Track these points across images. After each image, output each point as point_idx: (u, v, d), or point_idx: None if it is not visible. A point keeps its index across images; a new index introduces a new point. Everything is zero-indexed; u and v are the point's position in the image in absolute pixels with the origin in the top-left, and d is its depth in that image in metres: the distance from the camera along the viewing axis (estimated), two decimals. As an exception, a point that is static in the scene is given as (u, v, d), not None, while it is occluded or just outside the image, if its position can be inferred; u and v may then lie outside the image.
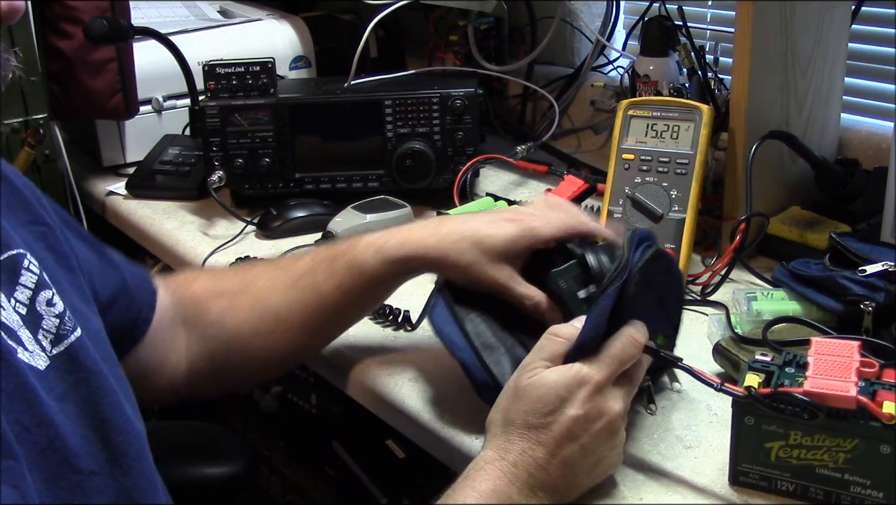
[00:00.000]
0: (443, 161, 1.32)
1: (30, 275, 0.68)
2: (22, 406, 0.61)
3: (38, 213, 0.75)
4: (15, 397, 0.60)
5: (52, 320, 0.67)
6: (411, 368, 0.95)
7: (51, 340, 0.66)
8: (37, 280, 0.68)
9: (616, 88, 1.50)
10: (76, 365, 0.67)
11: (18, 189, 0.74)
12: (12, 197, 0.73)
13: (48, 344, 0.66)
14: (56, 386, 0.65)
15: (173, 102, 1.57)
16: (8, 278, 0.66)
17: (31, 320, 0.66)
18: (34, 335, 0.65)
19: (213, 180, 1.29)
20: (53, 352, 0.66)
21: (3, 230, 0.69)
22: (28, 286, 0.67)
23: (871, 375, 0.71)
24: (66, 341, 0.67)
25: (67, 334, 0.68)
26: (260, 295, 0.91)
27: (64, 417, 0.63)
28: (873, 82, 1.32)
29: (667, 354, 0.77)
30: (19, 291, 0.66)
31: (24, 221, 0.73)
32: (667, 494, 0.75)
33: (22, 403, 0.61)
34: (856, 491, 0.70)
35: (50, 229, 0.75)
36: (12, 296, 0.66)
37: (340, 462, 1.32)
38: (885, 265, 0.93)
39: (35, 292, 0.67)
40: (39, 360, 0.64)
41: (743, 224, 1.03)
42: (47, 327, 0.67)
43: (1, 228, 0.68)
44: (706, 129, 1.10)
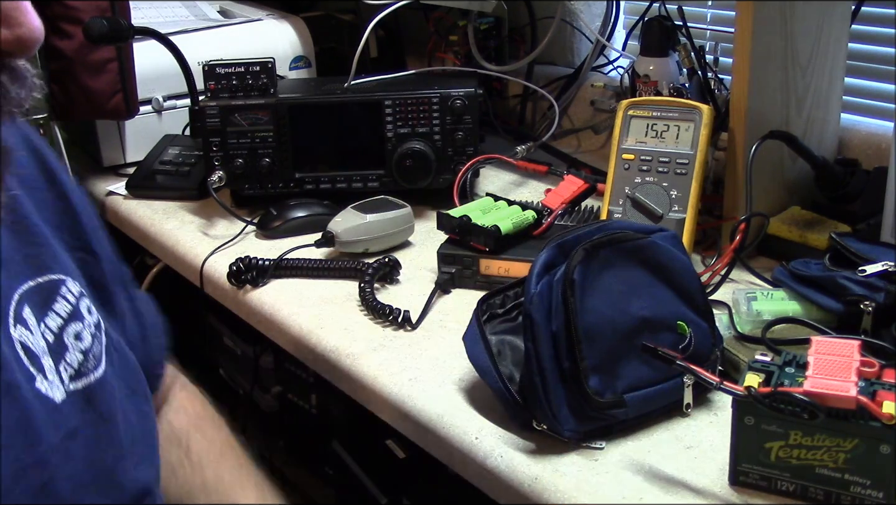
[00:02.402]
0: (443, 161, 1.32)
1: (65, 304, 0.66)
2: (22, 443, 0.59)
3: (88, 242, 0.72)
4: (16, 433, 0.58)
5: (77, 355, 0.66)
6: (411, 368, 0.95)
7: (71, 374, 0.65)
8: (71, 311, 0.67)
9: (616, 88, 1.50)
10: (91, 406, 0.65)
11: (74, 209, 0.72)
12: (66, 217, 0.71)
13: (67, 378, 0.64)
14: (67, 422, 0.63)
15: (173, 102, 1.57)
16: (42, 302, 0.65)
17: (56, 350, 0.64)
18: (56, 365, 0.63)
19: (213, 180, 1.29)
20: (71, 387, 0.64)
21: (51, 251, 0.67)
22: (61, 315, 0.66)
23: (871, 375, 0.71)
24: (85, 379, 0.66)
25: (88, 372, 0.66)
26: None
27: (64, 458, 0.62)
28: (873, 82, 1.32)
29: (664, 352, 0.77)
30: (51, 317, 0.65)
31: (72, 246, 0.71)
32: (667, 494, 0.75)
33: (22, 439, 0.59)
34: (856, 491, 0.70)
35: (96, 261, 0.73)
36: (43, 321, 0.64)
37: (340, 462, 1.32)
38: (885, 265, 0.93)
39: (66, 323, 0.66)
40: (57, 392, 0.63)
41: (743, 224, 1.03)
42: (70, 361, 0.65)
43: (47, 248, 0.67)
44: (706, 129, 1.10)
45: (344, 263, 1.16)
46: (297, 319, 1.07)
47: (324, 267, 1.17)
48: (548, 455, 0.80)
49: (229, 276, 1.16)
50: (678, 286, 0.86)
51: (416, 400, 0.90)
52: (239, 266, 1.16)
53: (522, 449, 0.82)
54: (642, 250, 0.85)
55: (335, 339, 1.02)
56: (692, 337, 0.84)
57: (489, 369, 0.84)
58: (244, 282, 1.16)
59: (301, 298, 1.12)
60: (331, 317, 1.07)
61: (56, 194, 0.72)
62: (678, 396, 0.84)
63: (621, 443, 0.82)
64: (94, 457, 0.64)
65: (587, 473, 0.78)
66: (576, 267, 0.80)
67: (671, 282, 0.85)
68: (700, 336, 0.85)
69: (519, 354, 0.85)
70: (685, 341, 0.83)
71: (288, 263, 1.18)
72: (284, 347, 1.10)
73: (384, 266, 1.13)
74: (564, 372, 0.79)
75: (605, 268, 0.83)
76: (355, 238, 1.19)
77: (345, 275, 1.16)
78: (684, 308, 0.85)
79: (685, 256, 0.89)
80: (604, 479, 0.77)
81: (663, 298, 0.85)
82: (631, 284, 0.83)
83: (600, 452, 0.81)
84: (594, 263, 0.82)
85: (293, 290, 1.14)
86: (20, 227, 0.66)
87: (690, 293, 0.86)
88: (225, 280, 1.17)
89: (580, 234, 0.84)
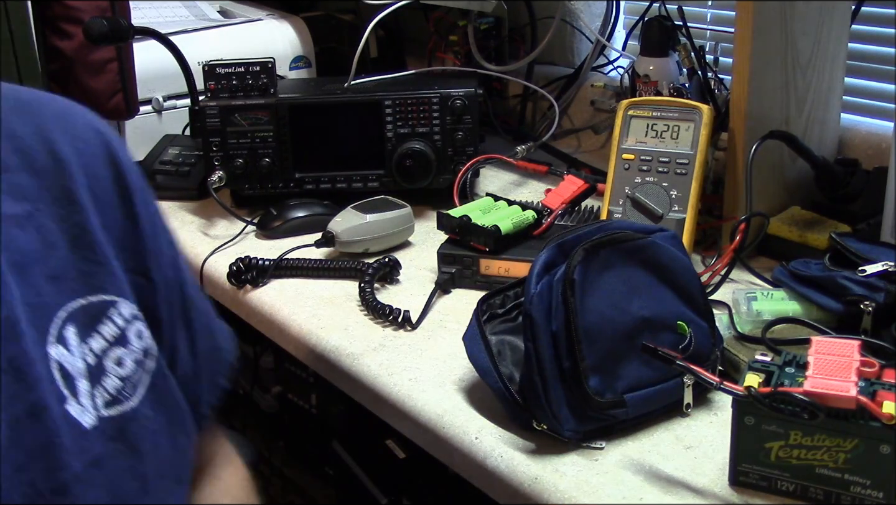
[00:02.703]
0: (443, 161, 1.32)
1: (112, 326, 0.64)
2: (41, 469, 0.57)
3: (147, 266, 0.70)
4: (37, 457, 0.57)
5: (115, 381, 0.64)
6: (411, 368, 0.95)
7: (106, 400, 0.62)
8: (117, 335, 0.65)
9: (616, 88, 1.50)
10: (122, 436, 0.63)
11: (141, 232, 0.70)
12: (130, 238, 0.69)
13: (101, 404, 0.62)
14: (93, 448, 0.61)
15: (173, 102, 1.57)
16: (89, 322, 0.63)
17: (94, 373, 0.62)
18: (91, 389, 0.62)
19: (213, 180, 1.29)
20: (104, 413, 0.62)
21: (109, 270, 0.65)
22: (106, 337, 0.64)
23: (871, 375, 0.71)
24: (119, 407, 0.63)
25: (124, 400, 0.64)
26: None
27: (86, 487, 0.60)
28: (873, 82, 1.32)
29: (665, 352, 0.77)
30: (95, 339, 0.63)
31: (130, 268, 0.69)
32: (667, 495, 0.75)
33: (42, 465, 0.57)
34: (856, 491, 0.70)
35: (152, 287, 0.70)
36: (86, 342, 0.62)
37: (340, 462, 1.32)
38: (885, 265, 0.93)
39: (110, 346, 0.64)
40: (88, 416, 0.61)
41: (743, 224, 1.03)
42: (107, 386, 0.63)
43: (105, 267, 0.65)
44: (706, 129, 1.10)
45: (344, 263, 1.16)
46: (297, 319, 1.07)
47: (324, 267, 1.17)
48: (548, 455, 0.80)
49: (229, 276, 1.16)
50: (678, 286, 0.86)
51: (416, 400, 0.90)
52: (239, 266, 1.16)
53: (522, 449, 0.82)
54: (642, 250, 0.85)
55: (335, 339, 1.02)
56: (692, 337, 0.84)
57: (489, 369, 0.84)
58: (244, 282, 1.16)
59: (301, 298, 1.12)
60: (331, 317, 1.07)
61: (125, 213, 0.69)
62: (678, 396, 0.84)
63: (621, 443, 0.82)
64: (117, 489, 0.62)
65: (587, 473, 0.78)
66: (576, 267, 0.80)
67: (671, 282, 0.85)
68: (700, 336, 0.85)
69: (519, 354, 0.85)
70: (685, 341, 0.83)
71: (288, 263, 1.18)
72: (284, 347, 1.10)
73: (384, 266, 1.13)
74: (564, 372, 0.79)
75: (606, 268, 0.83)
76: (355, 238, 1.19)
77: (345, 275, 1.16)
78: (684, 308, 0.85)
79: (685, 255, 0.89)
80: (604, 479, 0.77)
81: (663, 298, 0.85)
82: (631, 284, 0.83)
83: (600, 452, 0.81)
84: (594, 263, 0.82)
85: (293, 290, 1.14)
86: (81, 241, 0.64)
87: (690, 293, 0.86)
88: (225, 280, 1.17)
89: (580, 234, 0.84)
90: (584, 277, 0.80)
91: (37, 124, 0.65)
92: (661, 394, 0.83)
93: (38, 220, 0.62)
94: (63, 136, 0.66)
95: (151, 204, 0.72)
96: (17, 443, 0.56)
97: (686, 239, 1.07)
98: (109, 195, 0.68)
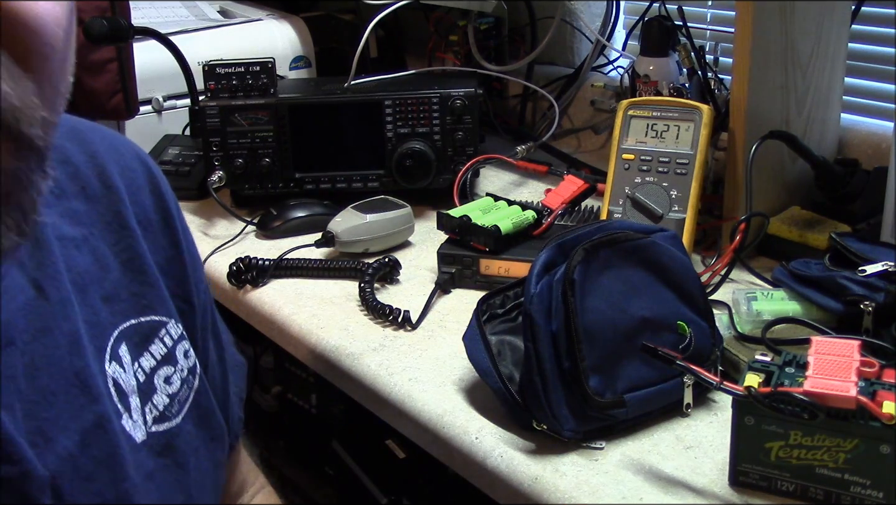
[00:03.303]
0: (443, 161, 1.32)
1: (161, 346, 0.67)
2: (107, 479, 0.59)
3: (189, 291, 0.73)
4: (103, 468, 0.59)
5: (164, 398, 0.66)
6: (411, 368, 0.95)
7: (155, 416, 0.65)
8: (165, 354, 0.67)
9: (616, 88, 1.50)
10: (170, 450, 0.66)
11: (182, 258, 0.73)
12: (174, 264, 0.72)
13: (151, 420, 0.65)
14: (146, 463, 0.63)
15: (173, 102, 1.56)
16: (140, 342, 0.65)
17: (145, 390, 0.64)
18: (142, 406, 0.64)
19: (213, 180, 1.29)
20: (153, 429, 0.64)
21: (159, 293, 0.68)
22: (155, 357, 0.66)
23: (871, 375, 0.71)
24: (167, 423, 0.66)
25: (172, 417, 0.66)
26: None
27: (145, 497, 0.62)
28: (873, 82, 1.32)
29: (664, 352, 0.77)
30: (146, 358, 0.65)
31: (174, 294, 0.71)
32: (667, 495, 0.75)
33: (108, 475, 0.59)
34: (856, 491, 0.70)
35: (192, 311, 0.73)
36: (137, 360, 0.65)
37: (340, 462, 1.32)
38: (885, 265, 0.93)
39: (159, 365, 0.66)
40: (139, 432, 0.63)
41: (743, 224, 1.02)
42: (156, 403, 0.65)
43: (156, 290, 0.67)
44: (706, 129, 1.10)
45: (344, 263, 1.16)
46: (297, 319, 1.07)
47: (324, 267, 1.17)
48: (548, 455, 0.80)
49: (229, 276, 1.16)
50: (678, 286, 0.86)
51: (416, 400, 0.90)
52: (239, 266, 1.16)
53: (522, 449, 0.82)
54: (642, 250, 0.85)
55: (335, 339, 1.02)
56: (692, 337, 0.84)
57: (489, 370, 0.84)
58: (244, 282, 1.16)
59: (301, 298, 1.12)
60: (331, 317, 1.07)
61: (169, 241, 0.72)
62: (678, 396, 0.84)
63: (621, 443, 0.82)
64: (167, 501, 0.65)
65: (587, 473, 0.78)
66: (576, 267, 0.80)
67: (671, 282, 0.85)
68: (700, 336, 0.85)
69: (519, 354, 0.85)
70: (685, 341, 0.83)
71: (288, 263, 1.18)
72: (284, 347, 1.10)
73: (384, 266, 1.13)
74: (564, 372, 0.79)
75: (605, 268, 0.83)
76: (355, 238, 1.19)
77: (345, 275, 1.16)
78: (684, 308, 0.85)
79: (685, 255, 0.89)
80: (604, 479, 0.77)
81: (663, 298, 0.85)
82: (631, 284, 0.83)
83: (600, 452, 0.81)
84: (594, 263, 0.82)
85: (293, 290, 1.14)
86: (133, 264, 0.67)
87: (690, 293, 0.86)
88: (225, 280, 1.17)
89: (580, 234, 0.84)
90: (583, 277, 0.80)
91: (90, 152, 0.68)
92: (661, 394, 0.83)
93: (93, 244, 0.65)
94: (114, 166, 0.69)
95: (188, 232, 0.76)
96: (87, 453, 0.58)
97: (686, 239, 1.07)
98: (155, 223, 0.72)
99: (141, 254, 0.68)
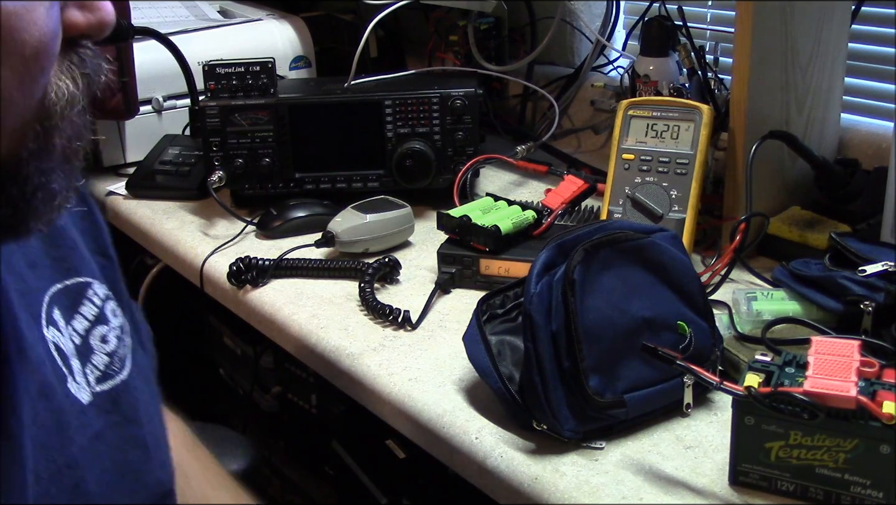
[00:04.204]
0: (443, 161, 1.32)
1: (91, 306, 0.67)
2: (57, 444, 0.59)
3: (106, 246, 0.73)
4: (52, 434, 0.59)
5: (103, 357, 0.66)
6: (411, 368, 0.95)
7: (97, 376, 0.65)
8: (97, 314, 0.67)
9: (616, 88, 1.50)
10: (116, 407, 0.66)
11: (93, 213, 0.73)
12: (87, 221, 0.72)
13: (94, 380, 0.65)
14: (94, 423, 0.63)
15: (173, 102, 1.56)
16: (70, 305, 0.65)
17: (83, 352, 0.65)
18: (83, 367, 0.64)
19: (213, 180, 1.29)
20: (97, 389, 0.65)
21: (79, 254, 0.68)
22: (87, 318, 0.66)
23: (871, 375, 0.71)
24: (111, 381, 0.66)
25: (114, 375, 0.67)
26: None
27: (93, 458, 0.62)
28: (873, 82, 1.32)
29: (665, 352, 0.77)
30: (78, 320, 0.66)
31: (94, 250, 0.71)
32: (667, 494, 0.75)
33: (57, 440, 0.60)
34: (856, 491, 0.70)
35: (112, 266, 0.73)
36: (70, 323, 0.65)
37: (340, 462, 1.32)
38: (885, 265, 0.93)
39: (93, 325, 0.67)
40: (84, 393, 0.63)
41: (743, 224, 1.03)
42: (96, 363, 0.66)
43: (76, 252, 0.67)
44: (706, 129, 1.10)
45: (344, 263, 1.16)
46: (297, 319, 1.07)
47: (324, 267, 1.17)
48: (548, 455, 0.80)
49: (229, 276, 1.16)
50: (678, 286, 0.86)
51: (416, 400, 0.90)
52: (239, 266, 1.16)
53: (522, 449, 0.82)
54: (642, 250, 0.85)
55: (335, 339, 1.02)
56: (692, 337, 0.84)
57: (489, 370, 0.84)
58: (244, 282, 1.16)
59: (301, 299, 1.12)
60: (331, 317, 1.07)
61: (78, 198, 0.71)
62: (678, 396, 0.84)
63: (621, 443, 0.82)
64: (120, 458, 0.65)
65: (587, 473, 0.78)
66: (576, 267, 0.80)
67: (671, 282, 0.85)
68: (700, 336, 0.85)
69: (519, 354, 0.85)
70: (685, 341, 0.83)
71: (288, 263, 1.18)
72: (284, 347, 1.10)
73: (384, 266, 1.13)
74: (564, 372, 0.79)
75: (605, 268, 0.83)
76: (355, 238, 1.19)
77: (345, 275, 1.16)
78: (684, 308, 0.85)
79: (685, 256, 0.89)
80: (604, 479, 0.77)
81: (663, 298, 0.85)
82: (631, 284, 0.83)
83: (600, 452, 0.81)
84: (594, 263, 0.82)
85: (293, 290, 1.14)
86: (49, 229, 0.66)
87: (690, 293, 0.86)
88: (225, 280, 1.17)
89: (580, 234, 0.84)
90: (583, 277, 0.80)
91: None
92: (661, 394, 0.83)
93: None
94: None
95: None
96: (36, 421, 0.58)
97: (686, 239, 1.07)
98: None
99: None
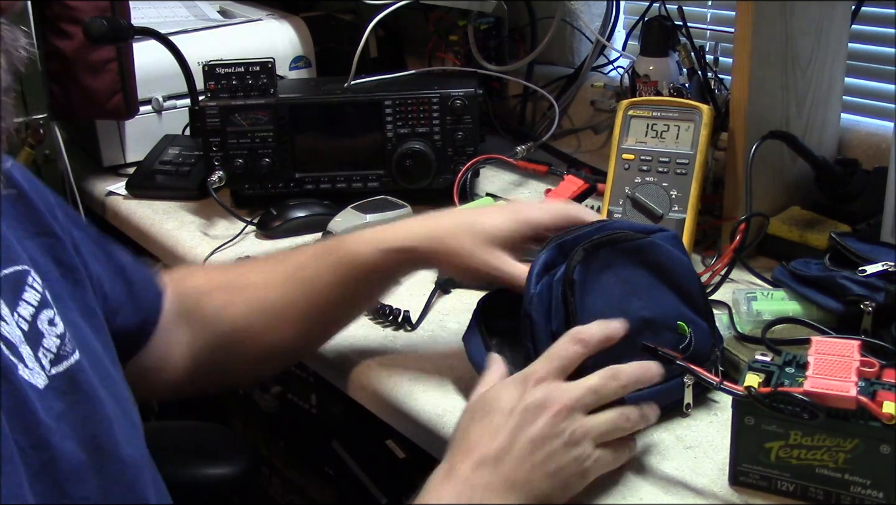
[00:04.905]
0: (443, 161, 1.32)
1: (33, 292, 0.67)
2: (20, 426, 0.59)
3: (47, 224, 0.73)
4: (14, 416, 0.59)
5: (53, 340, 0.66)
6: (411, 368, 0.95)
7: (50, 359, 0.65)
8: (40, 298, 0.67)
9: (616, 88, 1.50)
10: (74, 387, 0.66)
11: (29, 198, 0.73)
12: (21, 206, 0.72)
13: (48, 363, 0.65)
14: (55, 405, 0.63)
15: (173, 102, 1.57)
16: (11, 293, 0.65)
17: (32, 338, 0.65)
18: (34, 353, 0.64)
19: (213, 180, 1.29)
20: (52, 372, 0.65)
21: (9, 244, 0.68)
22: (31, 303, 0.66)
23: (871, 375, 0.71)
24: (65, 362, 0.66)
25: (67, 356, 0.67)
26: (257, 289, 0.91)
27: (60, 438, 0.62)
28: (873, 82, 1.32)
29: (664, 351, 0.77)
30: (22, 306, 0.65)
31: (32, 233, 0.71)
32: (666, 495, 0.75)
33: (20, 422, 0.60)
34: (856, 491, 0.70)
35: (58, 241, 0.73)
36: (15, 310, 0.65)
37: (340, 462, 1.32)
38: (885, 265, 0.93)
39: (37, 311, 0.66)
40: (39, 378, 0.63)
41: (743, 224, 1.02)
42: (48, 346, 0.66)
43: (5, 242, 0.67)
44: (706, 129, 1.10)
45: (344, 263, 1.16)
46: (297, 319, 1.07)
47: (324, 267, 1.17)
48: (548, 455, 0.80)
49: (229, 276, 1.16)
50: (678, 286, 0.86)
51: (416, 400, 0.90)
52: (239, 266, 1.16)
53: (522, 449, 0.81)
54: (642, 250, 0.85)
55: (335, 338, 1.02)
56: (692, 337, 0.84)
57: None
58: (244, 282, 1.16)
59: (301, 298, 1.12)
60: (331, 317, 1.07)
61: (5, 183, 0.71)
62: (678, 396, 0.84)
63: (621, 443, 0.82)
64: (87, 435, 0.65)
65: (587, 473, 0.78)
66: (575, 267, 0.80)
67: (671, 282, 0.85)
68: (700, 336, 0.85)
69: (519, 354, 0.85)
70: (685, 341, 0.83)
71: (288, 263, 1.18)
72: (284, 347, 1.10)
73: (384, 266, 1.13)
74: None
75: (605, 268, 0.83)
76: (355, 238, 1.19)
77: (345, 275, 1.16)
78: (684, 308, 0.85)
79: (685, 256, 0.89)
80: (604, 479, 0.77)
81: (663, 298, 0.85)
82: (631, 284, 0.83)
83: (600, 452, 0.80)
84: (594, 263, 0.82)
85: (293, 290, 1.14)
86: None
87: (690, 293, 0.86)
88: (225, 280, 1.17)
89: (580, 235, 0.84)
90: (583, 277, 0.80)
91: None
92: (661, 394, 0.83)
93: None
94: None
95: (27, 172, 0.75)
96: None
97: (686, 239, 1.07)
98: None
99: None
